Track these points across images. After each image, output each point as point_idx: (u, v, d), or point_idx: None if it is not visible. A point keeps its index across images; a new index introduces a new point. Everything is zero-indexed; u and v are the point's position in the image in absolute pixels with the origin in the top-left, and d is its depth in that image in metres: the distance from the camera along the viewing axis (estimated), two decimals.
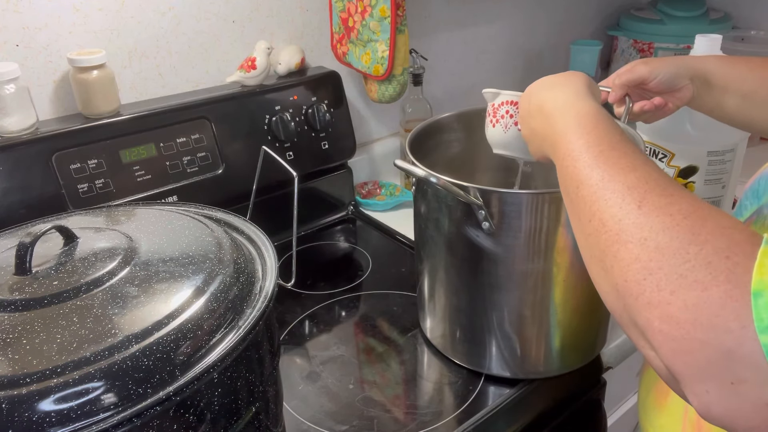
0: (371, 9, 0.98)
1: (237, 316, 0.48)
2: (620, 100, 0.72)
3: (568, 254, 0.66)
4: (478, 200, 0.63)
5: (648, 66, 0.71)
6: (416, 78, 1.14)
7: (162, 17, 0.94)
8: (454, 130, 0.85)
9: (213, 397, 0.45)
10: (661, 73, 0.70)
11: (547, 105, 0.55)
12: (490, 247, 0.66)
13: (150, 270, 0.50)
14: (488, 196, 0.63)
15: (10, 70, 0.78)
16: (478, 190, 0.63)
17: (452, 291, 0.74)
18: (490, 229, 0.64)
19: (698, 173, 0.88)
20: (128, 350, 0.42)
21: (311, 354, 0.80)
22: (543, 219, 0.63)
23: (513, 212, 0.64)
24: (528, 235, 0.64)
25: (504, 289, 0.69)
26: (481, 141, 0.76)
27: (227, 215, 0.64)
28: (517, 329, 0.71)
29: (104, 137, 0.86)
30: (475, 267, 0.69)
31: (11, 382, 0.39)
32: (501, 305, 0.70)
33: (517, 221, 0.64)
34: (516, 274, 0.67)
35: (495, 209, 0.64)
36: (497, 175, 0.88)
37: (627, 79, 0.72)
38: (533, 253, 0.66)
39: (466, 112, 0.85)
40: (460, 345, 0.76)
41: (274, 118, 1.00)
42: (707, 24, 1.40)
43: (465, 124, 0.85)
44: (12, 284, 0.48)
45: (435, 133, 0.82)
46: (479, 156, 0.86)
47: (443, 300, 0.76)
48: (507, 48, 1.47)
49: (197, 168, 0.93)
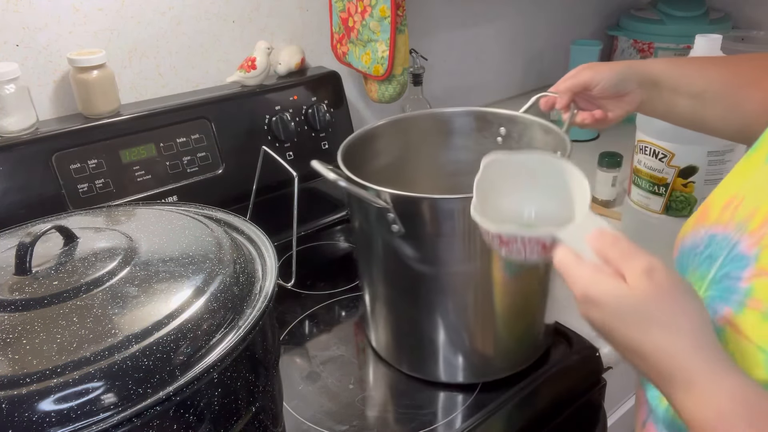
0: (371, 9, 0.98)
1: (237, 316, 0.48)
2: (567, 107, 0.71)
3: (486, 257, 0.65)
4: (386, 204, 0.62)
5: (592, 71, 0.69)
6: (416, 78, 1.14)
7: (162, 17, 0.94)
8: (390, 136, 0.82)
9: (213, 397, 0.45)
10: (604, 78, 0.68)
11: (653, 357, 0.40)
12: (407, 250, 0.65)
13: (150, 270, 0.50)
14: (396, 199, 0.62)
15: (10, 70, 0.78)
16: (388, 194, 0.62)
17: (391, 302, 0.73)
18: (400, 231, 0.63)
19: (698, 173, 0.88)
20: (128, 350, 0.42)
21: (311, 354, 0.80)
22: (457, 222, 0.62)
23: (418, 216, 0.63)
24: (442, 238, 0.64)
25: (437, 293, 0.68)
26: (421, 147, 0.76)
27: (227, 215, 0.64)
28: (462, 333, 0.70)
29: (104, 137, 0.86)
30: (403, 273, 0.68)
31: (11, 382, 0.39)
32: (434, 311, 0.69)
33: (422, 226, 0.63)
34: (443, 278, 0.67)
35: (406, 213, 0.63)
36: (444, 181, 0.87)
37: (571, 83, 0.70)
38: (450, 257, 0.65)
39: (400, 119, 0.82)
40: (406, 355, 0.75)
41: (274, 118, 1.00)
42: (707, 24, 1.40)
43: (400, 130, 0.83)
44: (12, 284, 0.48)
45: (371, 141, 0.79)
46: (421, 161, 0.85)
47: (384, 311, 0.75)
48: (507, 48, 1.47)
49: (197, 168, 0.93)
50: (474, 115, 0.82)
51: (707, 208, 0.55)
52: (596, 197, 1.17)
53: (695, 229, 0.55)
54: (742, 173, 0.54)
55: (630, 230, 1.00)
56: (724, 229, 0.51)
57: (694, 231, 0.56)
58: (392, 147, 0.82)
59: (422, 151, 0.84)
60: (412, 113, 0.83)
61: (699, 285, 0.51)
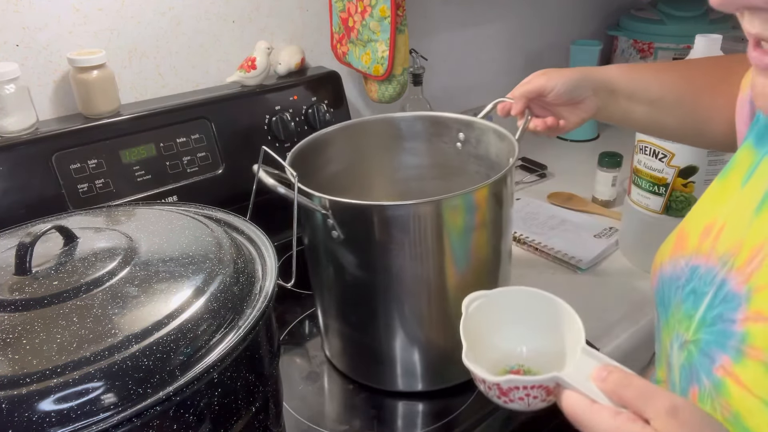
0: (371, 9, 0.98)
1: (237, 316, 0.48)
2: (522, 113, 0.71)
3: (428, 261, 0.64)
4: (325, 210, 0.62)
5: (545, 77, 0.69)
6: (416, 78, 1.14)
7: (162, 17, 0.94)
8: (343, 142, 0.81)
9: (213, 397, 0.45)
10: (557, 85, 0.68)
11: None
12: (347, 257, 0.65)
13: (150, 270, 0.50)
14: (335, 205, 0.62)
15: (10, 70, 0.78)
16: (327, 200, 0.62)
17: (340, 311, 0.72)
18: (339, 237, 0.63)
19: (698, 173, 0.88)
20: (128, 350, 0.42)
21: (311, 354, 0.80)
22: (395, 228, 0.61)
23: (356, 222, 0.62)
24: (381, 244, 0.63)
25: (383, 300, 0.66)
26: (377, 152, 0.75)
27: (227, 215, 0.64)
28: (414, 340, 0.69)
29: (104, 137, 0.86)
30: (347, 280, 0.67)
31: (11, 382, 0.39)
32: (381, 319, 0.67)
33: (360, 232, 0.63)
34: (386, 284, 0.65)
35: (345, 219, 0.62)
36: (400, 186, 0.86)
37: (525, 89, 0.70)
38: (391, 262, 0.64)
39: (353, 125, 0.82)
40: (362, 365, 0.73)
41: (274, 118, 1.00)
42: (707, 24, 1.40)
43: (353, 135, 0.82)
44: (12, 284, 0.48)
45: (323, 146, 0.79)
46: (377, 166, 0.84)
47: (335, 321, 0.73)
48: (507, 48, 1.47)
49: (197, 168, 0.93)
50: (431, 120, 0.82)
51: (684, 236, 0.54)
52: (596, 197, 1.17)
53: (673, 258, 0.54)
54: (718, 197, 0.53)
55: (630, 230, 1.00)
56: (707, 261, 0.49)
57: (672, 260, 0.54)
58: (346, 153, 0.81)
59: (378, 157, 0.84)
60: (365, 118, 0.83)
61: (687, 324, 0.49)
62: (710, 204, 0.54)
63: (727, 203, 0.50)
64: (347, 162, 0.82)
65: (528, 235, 1.05)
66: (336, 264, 0.67)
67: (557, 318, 0.51)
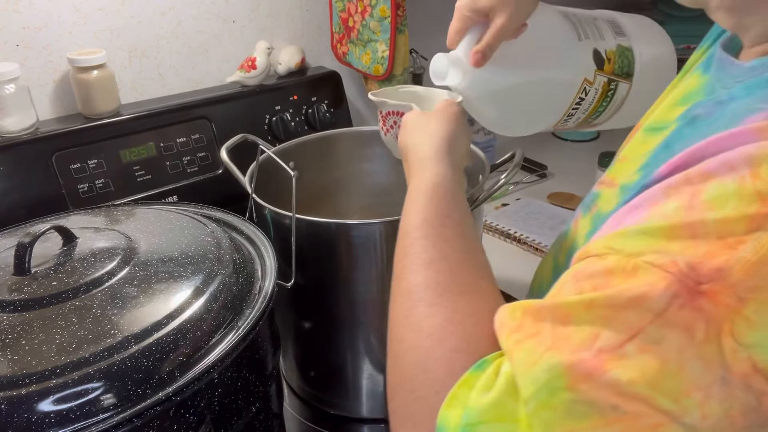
0: (371, 9, 0.98)
1: (236, 316, 0.48)
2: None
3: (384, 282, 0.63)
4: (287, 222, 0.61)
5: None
6: (416, 78, 1.14)
7: (162, 17, 0.94)
8: (313, 153, 0.81)
9: (213, 398, 0.45)
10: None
11: (409, 155, 0.53)
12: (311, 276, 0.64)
13: (149, 270, 0.50)
14: (297, 221, 0.60)
15: (10, 70, 0.78)
16: (275, 212, 0.61)
17: (299, 335, 0.70)
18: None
19: None
20: (128, 351, 0.42)
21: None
22: (342, 245, 0.61)
23: (320, 238, 0.62)
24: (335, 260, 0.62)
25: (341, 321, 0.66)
26: (347, 165, 0.76)
27: (227, 215, 0.64)
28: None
29: (104, 137, 0.86)
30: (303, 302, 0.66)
31: (11, 382, 0.39)
32: (340, 342, 0.67)
33: (325, 248, 0.62)
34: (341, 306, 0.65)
35: (308, 234, 0.61)
36: (370, 199, 0.85)
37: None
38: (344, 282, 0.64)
39: (324, 137, 0.82)
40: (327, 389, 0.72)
41: (274, 118, 1.00)
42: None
43: (323, 147, 0.82)
44: (11, 284, 0.48)
45: (291, 158, 0.76)
46: (346, 180, 0.84)
47: (294, 344, 0.72)
48: None
49: (197, 168, 0.93)
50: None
51: None
52: None
53: None
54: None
55: None
56: None
57: None
58: (315, 165, 0.81)
59: (347, 169, 0.84)
60: (335, 131, 0.84)
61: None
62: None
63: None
64: (317, 174, 0.82)
65: (528, 235, 1.05)
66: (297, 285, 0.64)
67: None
